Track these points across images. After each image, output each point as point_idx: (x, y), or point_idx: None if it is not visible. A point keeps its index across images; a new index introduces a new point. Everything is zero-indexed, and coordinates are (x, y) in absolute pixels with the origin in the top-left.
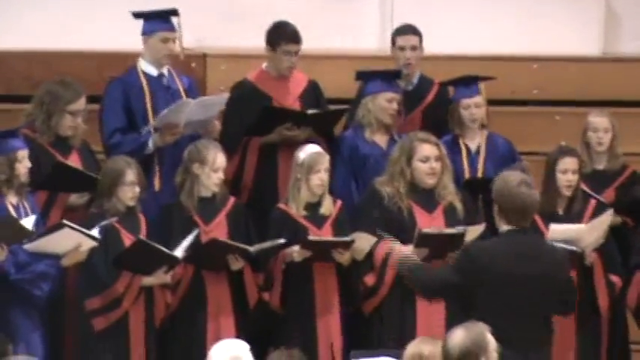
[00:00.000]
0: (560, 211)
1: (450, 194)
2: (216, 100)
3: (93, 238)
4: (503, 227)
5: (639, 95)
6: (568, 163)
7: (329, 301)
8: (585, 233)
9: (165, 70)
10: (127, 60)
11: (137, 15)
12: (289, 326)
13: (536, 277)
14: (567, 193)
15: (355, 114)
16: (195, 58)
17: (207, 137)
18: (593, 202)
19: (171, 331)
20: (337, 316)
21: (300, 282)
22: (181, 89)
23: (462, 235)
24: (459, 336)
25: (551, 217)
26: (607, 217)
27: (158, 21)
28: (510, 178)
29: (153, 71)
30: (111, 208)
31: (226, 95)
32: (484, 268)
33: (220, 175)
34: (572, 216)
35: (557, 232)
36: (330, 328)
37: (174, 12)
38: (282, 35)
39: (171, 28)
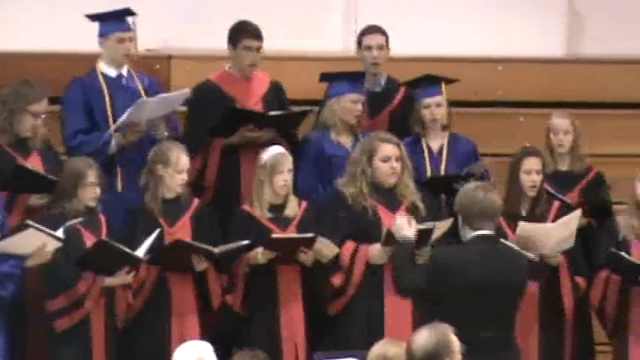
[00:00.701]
0: (524, 213)
1: (412, 194)
2: (177, 95)
3: (58, 238)
4: (469, 235)
5: (603, 96)
6: (532, 164)
7: (292, 301)
8: (553, 232)
9: (124, 71)
10: (93, 61)
11: (92, 17)
12: (253, 327)
13: (502, 283)
14: (531, 193)
15: (320, 115)
16: (160, 59)
17: (153, 137)
18: (556, 203)
19: (135, 332)
20: (301, 316)
21: (264, 283)
22: (141, 89)
23: (430, 231)
24: (423, 337)
25: (515, 219)
26: (576, 217)
27: (113, 22)
28: (468, 186)
29: (112, 72)
30: (71, 208)
31: (187, 90)
32: (450, 275)
33: (184, 176)
34: (536, 217)
35: (525, 229)
36: (293, 328)
37: (129, 12)
38: (242, 32)
39: (127, 29)
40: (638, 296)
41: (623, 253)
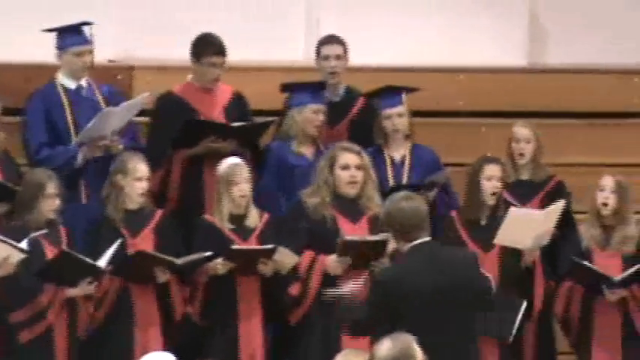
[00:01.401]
0: (483, 220)
1: (375, 205)
2: (137, 100)
3: (22, 250)
4: (405, 247)
5: (565, 106)
6: (493, 170)
7: (252, 312)
8: (540, 221)
9: (83, 82)
10: (51, 71)
11: (50, 30)
12: (213, 338)
13: (451, 286)
14: (491, 201)
15: (282, 125)
16: (122, 69)
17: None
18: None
19: (98, 343)
20: (260, 327)
21: (223, 294)
22: (101, 99)
23: (384, 242)
24: (386, 347)
25: (474, 228)
26: (558, 207)
27: (70, 35)
28: (392, 200)
29: (71, 84)
30: (32, 220)
31: (146, 94)
32: (398, 292)
33: (143, 184)
34: (495, 226)
35: (516, 215)
36: (252, 339)
37: (86, 24)
38: (206, 47)
39: (84, 42)
40: (602, 305)
41: (586, 263)
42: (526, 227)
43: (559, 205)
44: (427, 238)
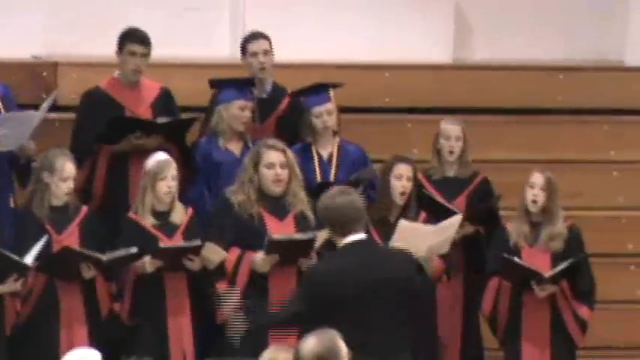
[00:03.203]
0: (393, 220)
1: (301, 203)
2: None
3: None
4: (341, 242)
5: (490, 102)
6: (402, 169)
7: (180, 309)
8: (430, 236)
9: None
10: None
11: None
12: (141, 336)
13: (383, 283)
14: (400, 202)
15: (209, 122)
16: (46, 66)
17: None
18: (423, 214)
19: (25, 339)
20: (189, 324)
21: (151, 292)
22: None
23: (311, 241)
24: (310, 343)
25: (384, 226)
26: (455, 222)
27: None
28: (327, 194)
29: None
30: None
31: (46, 105)
32: (328, 287)
33: (69, 184)
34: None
35: (405, 227)
36: (181, 336)
37: None
38: (127, 37)
39: None
40: (530, 301)
41: (517, 259)
42: (417, 238)
43: (453, 221)
44: (362, 235)
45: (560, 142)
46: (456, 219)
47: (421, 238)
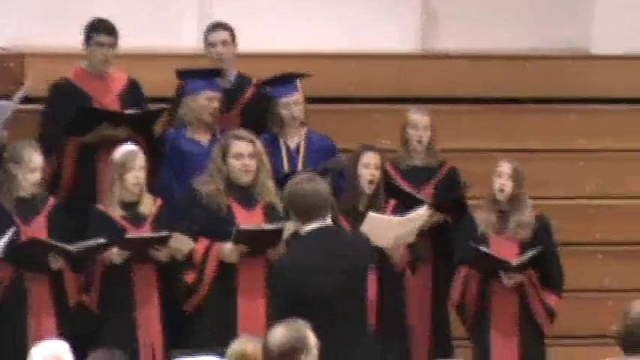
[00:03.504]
0: (362, 208)
1: (269, 193)
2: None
3: None
4: (304, 229)
5: (457, 92)
6: (370, 157)
7: (148, 300)
8: (396, 227)
9: None
10: None
11: None
12: (109, 327)
13: (347, 272)
14: (368, 190)
15: (176, 112)
16: (13, 57)
17: None
18: (392, 201)
19: None
20: (157, 315)
21: (120, 282)
22: None
23: (280, 231)
24: (279, 333)
25: (353, 215)
26: (422, 214)
27: None
28: (293, 181)
29: None
30: None
31: (21, 94)
32: (295, 276)
33: (37, 175)
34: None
35: (373, 219)
36: (150, 327)
37: None
38: (94, 28)
39: None
40: (498, 290)
41: (484, 248)
42: (385, 229)
43: (420, 212)
44: (326, 222)
45: (527, 131)
46: (423, 210)
47: (388, 230)
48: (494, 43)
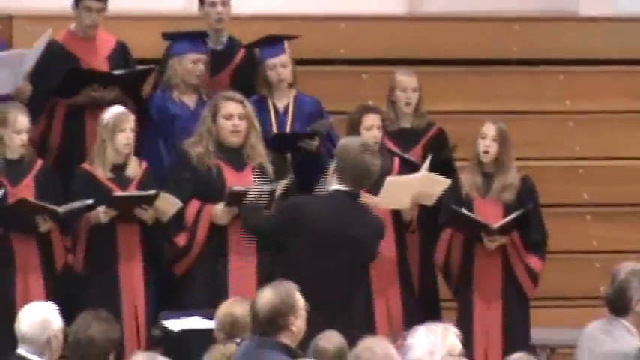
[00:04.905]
0: None
1: (259, 155)
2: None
3: None
4: (332, 187)
5: (444, 54)
6: (372, 120)
7: (132, 261)
8: (417, 182)
9: None
10: None
11: None
12: (93, 287)
13: (350, 238)
14: None
15: (163, 75)
16: (1, 20)
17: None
18: (397, 160)
19: None
20: (141, 277)
21: (104, 243)
22: None
23: (273, 192)
24: (267, 295)
25: None
26: (444, 182)
27: None
28: (354, 145)
29: None
30: None
31: (42, 44)
32: (299, 221)
33: (23, 137)
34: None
35: (392, 183)
36: (133, 288)
37: None
38: None
39: None
40: (482, 252)
41: (464, 211)
42: (404, 190)
43: (440, 180)
44: (351, 188)
45: (515, 92)
46: (446, 180)
47: (407, 189)
48: (482, 4)
